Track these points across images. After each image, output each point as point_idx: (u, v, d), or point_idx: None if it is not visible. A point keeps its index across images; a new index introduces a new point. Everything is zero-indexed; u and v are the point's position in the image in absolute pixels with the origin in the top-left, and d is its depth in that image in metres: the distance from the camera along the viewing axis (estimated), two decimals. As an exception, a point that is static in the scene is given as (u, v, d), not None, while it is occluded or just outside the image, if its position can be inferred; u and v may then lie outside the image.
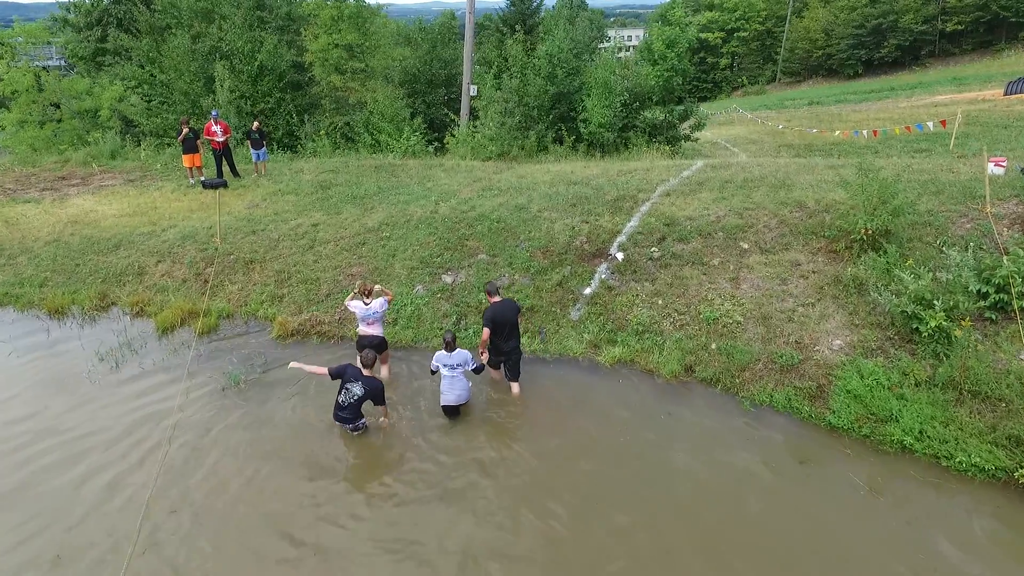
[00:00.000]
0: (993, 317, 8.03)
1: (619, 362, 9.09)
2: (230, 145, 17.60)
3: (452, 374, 7.76)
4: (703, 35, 71.87)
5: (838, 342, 8.52)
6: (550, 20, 24.12)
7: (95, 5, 30.85)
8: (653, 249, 10.68)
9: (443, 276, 11.04)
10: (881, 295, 8.39)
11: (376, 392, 7.50)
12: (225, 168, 17.24)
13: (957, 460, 6.92)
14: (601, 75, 18.41)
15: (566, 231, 11.49)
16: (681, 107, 20.42)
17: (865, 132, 20.63)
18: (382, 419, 7.81)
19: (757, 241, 10.35)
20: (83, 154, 20.98)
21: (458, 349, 7.81)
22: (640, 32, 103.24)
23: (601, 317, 9.79)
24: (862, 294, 8.90)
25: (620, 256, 10.70)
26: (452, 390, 7.81)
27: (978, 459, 6.84)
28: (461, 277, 10.97)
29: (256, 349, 9.78)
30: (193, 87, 23.00)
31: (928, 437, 7.21)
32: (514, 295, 10.29)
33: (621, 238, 11.07)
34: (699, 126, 20.76)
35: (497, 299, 8.29)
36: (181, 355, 9.65)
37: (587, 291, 10.28)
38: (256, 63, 23.02)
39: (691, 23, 21.74)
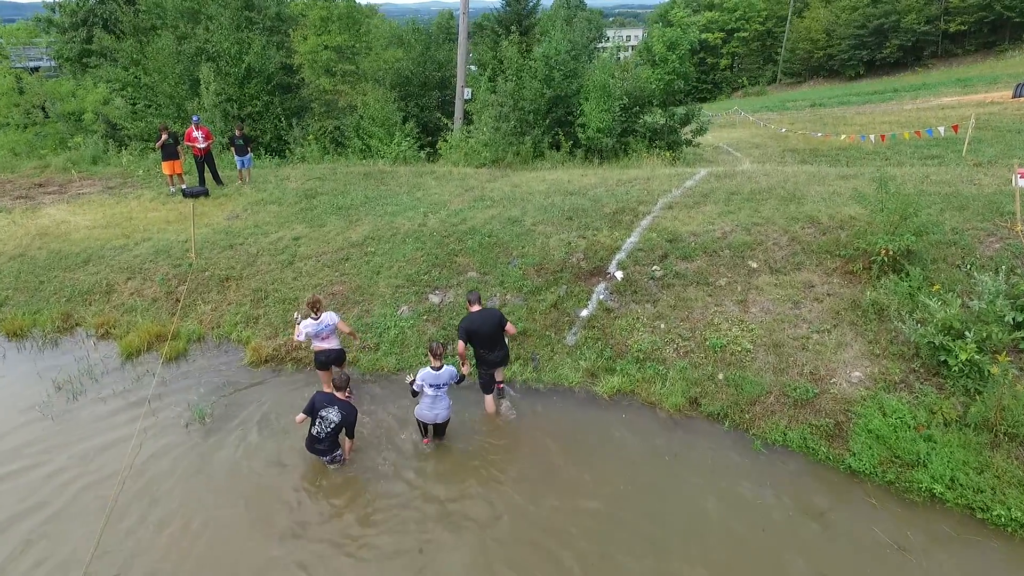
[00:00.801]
0: (1029, 349, 7.32)
1: (618, 393, 8.36)
2: (212, 151, 16.89)
3: (435, 394, 7.19)
4: (703, 35, 71.24)
5: (857, 374, 7.80)
6: (547, 21, 23.33)
7: (80, 5, 30.07)
8: (655, 267, 9.96)
9: (430, 295, 10.32)
10: (905, 323, 7.67)
11: (352, 417, 6.93)
12: (208, 176, 16.52)
13: (995, 513, 6.20)
14: (599, 78, 17.67)
15: (562, 247, 10.77)
16: (682, 110, 19.68)
17: (872, 136, 19.90)
18: (343, 456, 7.13)
19: (767, 260, 9.63)
20: (63, 159, 20.26)
21: (445, 366, 7.25)
22: (639, 32, 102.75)
23: (599, 342, 9.06)
24: (883, 320, 8.18)
25: (619, 275, 9.97)
26: (433, 408, 7.24)
27: (1019, 512, 6.12)
28: (449, 297, 10.25)
29: (227, 378, 9.05)
30: (178, 90, 22.25)
31: (960, 485, 6.49)
32: (506, 317, 9.57)
33: (620, 255, 10.35)
34: (701, 130, 20.02)
35: (477, 308, 7.78)
36: (145, 384, 8.91)
37: (584, 313, 9.55)
38: (244, 65, 22.27)
39: (693, 24, 21.03)
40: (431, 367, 7.18)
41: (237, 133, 16.49)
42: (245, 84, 22.32)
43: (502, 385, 8.18)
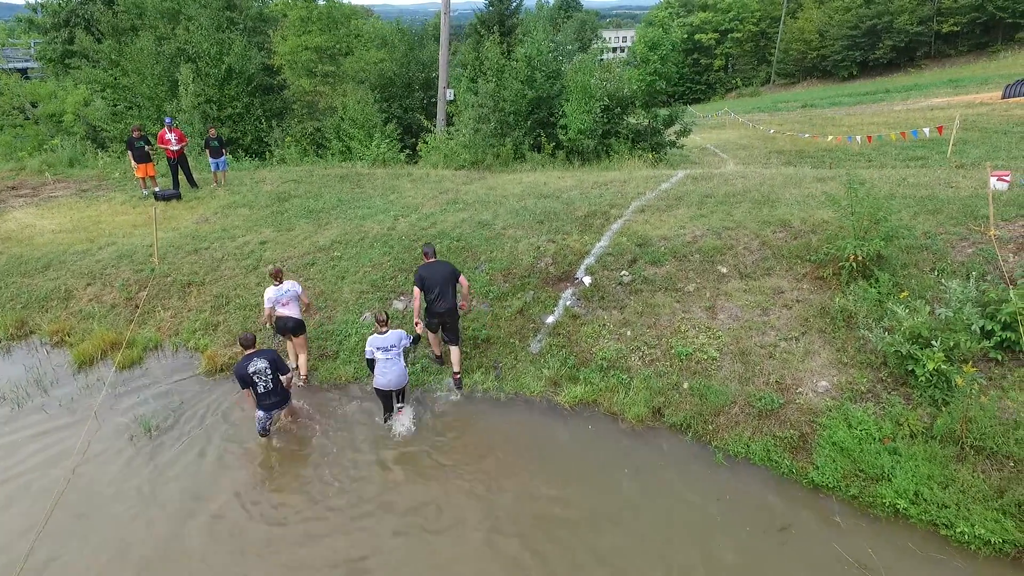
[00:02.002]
0: (999, 358, 7.07)
1: (580, 403, 8.11)
2: (188, 154, 16.63)
3: (387, 356, 7.41)
4: (696, 36, 71.16)
5: (824, 383, 7.56)
6: (530, 21, 23.06)
7: (62, 6, 29.73)
8: (623, 273, 9.71)
9: (395, 302, 10.07)
10: (872, 331, 7.43)
11: (275, 355, 7.33)
12: (182, 178, 16.26)
13: (958, 530, 5.95)
14: (580, 79, 17.42)
15: (531, 251, 10.52)
16: (666, 112, 19.41)
17: (859, 137, 19.68)
18: (287, 418, 7.75)
19: (736, 265, 9.38)
20: (38, 162, 19.97)
21: (391, 329, 7.50)
22: (635, 32, 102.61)
23: (563, 350, 8.81)
24: (851, 328, 7.93)
25: (587, 280, 9.73)
26: (386, 373, 7.45)
27: (983, 529, 5.87)
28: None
29: (179, 387, 8.78)
30: (157, 91, 21.96)
31: (925, 500, 6.24)
32: (469, 323, 9.35)
33: (589, 260, 10.10)
34: (685, 132, 19.76)
35: (432, 260, 8.23)
36: (94, 393, 8.64)
37: (549, 320, 9.30)
38: (224, 66, 21.99)
39: (675, 24, 20.76)
40: (377, 332, 7.42)
41: (211, 135, 16.23)
42: (225, 85, 22.05)
43: (459, 376, 8.44)
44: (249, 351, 7.21)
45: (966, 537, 5.89)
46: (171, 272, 11.28)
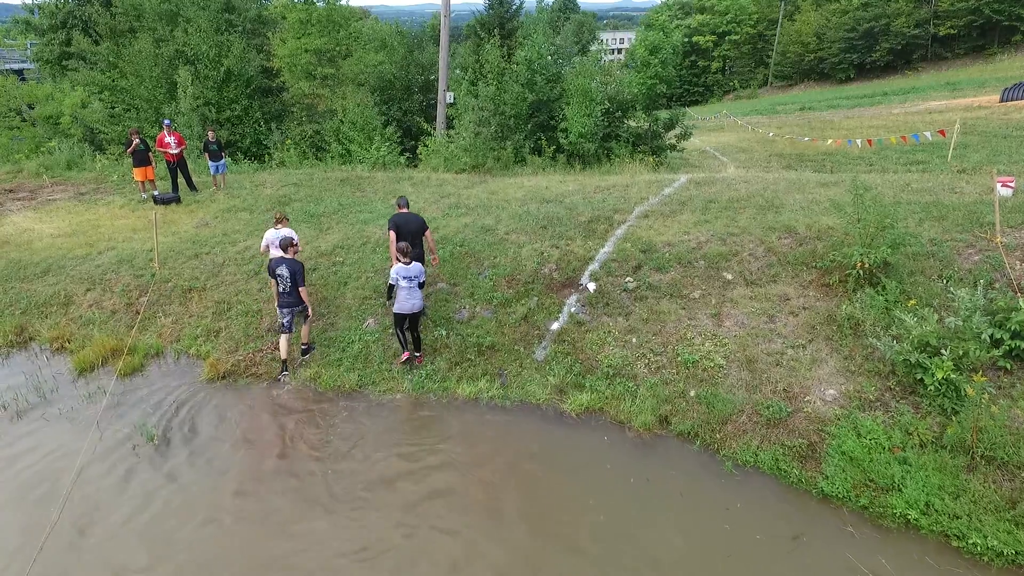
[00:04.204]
0: (1008, 367, 7.04)
1: (587, 411, 8.07)
2: (187, 157, 16.53)
3: (410, 285, 8.48)
4: (694, 38, 71.21)
5: (831, 392, 7.52)
6: (530, 23, 23.01)
7: (59, 7, 29.54)
8: (628, 279, 9.67)
9: (398, 308, 9.98)
10: (880, 339, 7.40)
11: (297, 266, 8.78)
12: (181, 182, 16.15)
13: (971, 541, 5.91)
14: (580, 82, 17.38)
15: (534, 257, 10.47)
16: (666, 115, 19.40)
17: (859, 141, 19.70)
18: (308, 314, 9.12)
19: (742, 271, 9.35)
20: (35, 164, 19.82)
21: (413, 262, 8.52)
22: (633, 35, 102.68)
23: (569, 357, 8.76)
24: (858, 336, 7.90)
25: (592, 287, 9.68)
26: (410, 299, 8.53)
27: (995, 541, 5.84)
28: (417, 309, 9.91)
29: (181, 395, 8.70)
30: (156, 93, 21.84)
31: (936, 511, 6.22)
32: (474, 330, 9.30)
33: (594, 266, 10.06)
34: (685, 135, 19.76)
35: (405, 211, 9.51)
36: (95, 402, 8.55)
37: (554, 326, 9.25)
38: (222, 68, 21.88)
39: (676, 27, 20.74)
40: (402, 263, 8.41)
41: (210, 138, 16.13)
42: (224, 88, 21.95)
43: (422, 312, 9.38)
44: (283, 253, 8.85)
45: (979, 549, 5.86)
46: (172, 277, 11.19)
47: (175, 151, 15.56)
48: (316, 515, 6.54)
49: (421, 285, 8.73)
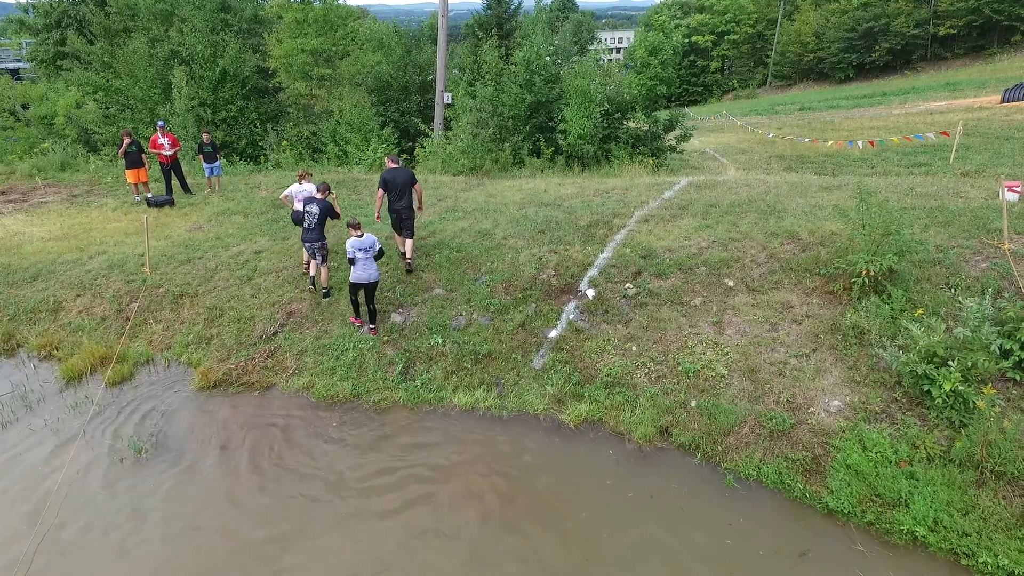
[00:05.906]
0: (1017, 378, 6.87)
1: (585, 421, 7.88)
2: (181, 159, 16.33)
3: (366, 256, 8.86)
4: (693, 38, 71.05)
5: (836, 403, 7.35)
6: (528, 24, 22.80)
7: (54, 6, 29.29)
8: (628, 285, 9.49)
9: (392, 314, 9.81)
10: (886, 349, 7.22)
11: (326, 205, 9.69)
12: (175, 184, 15.95)
13: (980, 560, 5.75)
14: (580, 83, 17.19)
15: (532, 262, 10.29)
16: (666, 116, 19.19)
17: (860, 143, 19.52)
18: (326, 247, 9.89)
19: (744, 278, 9.17)
20: (28, 166, 19.61)
21: (366, 234, 8.88)
22: (631, 34, 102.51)
23: (567, 366, 8.57)
24: (863, 345, 7.72)
25: (591, 293, 9.50)
26: (367, 269, 8.91)
27: (1006, 560, 5.67)
28: (413, 316, 9.75)
29: (171, 405, 8.51)
30: (150, 94, 21.62)
31: (944, 528, 6.04)
32: (471, 338, 9.11)
33: (592, 272, 9.88)
34: (685, 137, 19.56)
35: (394, 165, 10.10)
36: (82, 412, 8.36)
37: (552, 334, 9.07)
38: (218, 69, 21.67)
39: (676, 28, 20.55)
40: (354, 236, 8.77)
41: (205, 139, 15.93)
42: (219, 88, 21.75)
43: (410, 261, 10.38)
44: (316, 193, 9.92)
45: (989, 568, 5.69)
46: (163, 283, 11.00)
47: (169, 152, 15.37)
48: (308, 530, 6.35)
49: (379, 256, 9.09)
